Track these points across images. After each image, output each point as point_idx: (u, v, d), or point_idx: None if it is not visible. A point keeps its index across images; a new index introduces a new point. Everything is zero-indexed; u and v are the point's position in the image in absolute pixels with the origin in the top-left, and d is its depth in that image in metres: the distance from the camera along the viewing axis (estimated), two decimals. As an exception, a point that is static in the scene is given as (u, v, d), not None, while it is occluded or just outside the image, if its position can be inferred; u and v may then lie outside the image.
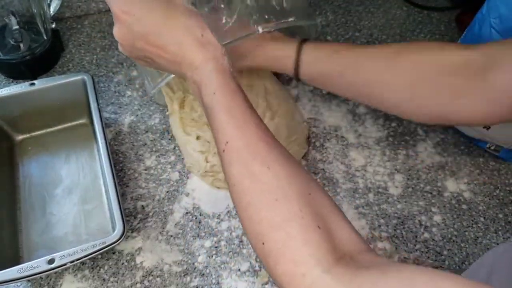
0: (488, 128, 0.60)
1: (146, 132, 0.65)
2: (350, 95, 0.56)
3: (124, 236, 0.49)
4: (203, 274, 0.53)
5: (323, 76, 0.54)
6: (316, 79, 0.55)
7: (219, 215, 0.58)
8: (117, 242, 0.48)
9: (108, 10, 0.78)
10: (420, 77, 0.49)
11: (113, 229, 0.50)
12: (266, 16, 0.52)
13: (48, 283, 0.52)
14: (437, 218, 0.59)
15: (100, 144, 0.55)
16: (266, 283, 0.53)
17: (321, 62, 0.53)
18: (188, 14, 0.42)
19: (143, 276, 0.53)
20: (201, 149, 0.59)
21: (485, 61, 0.44)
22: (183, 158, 0.62)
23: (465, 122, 0.55)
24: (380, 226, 0.58)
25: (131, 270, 0.53)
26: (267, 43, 0.54)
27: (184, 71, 0.42)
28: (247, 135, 0.37)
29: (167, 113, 0.64)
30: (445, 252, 0.56)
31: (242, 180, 0.36)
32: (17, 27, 0.67)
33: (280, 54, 0.54)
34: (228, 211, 0.58)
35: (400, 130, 0.67)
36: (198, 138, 0.60)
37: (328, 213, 0.35)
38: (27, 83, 0.59)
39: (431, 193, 0.61)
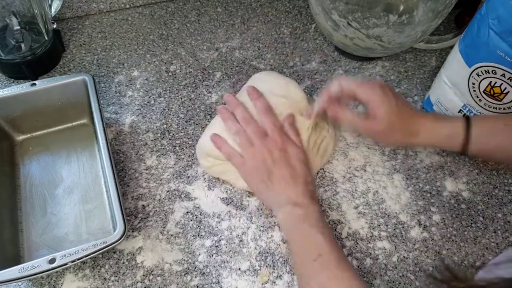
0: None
1: (147, 132, 0.65)
2: None
3: (124, 235, 0.49)
4: (204, 273, 0.54)
5: (493, 149, 0.55)
6: (485, 153, 0.57)
7: (219, 214, 0.58)
8: (118, 242, 0.48)
9: (109, 11, 0.79)
10: None
11: (114, 228, 0.50)
12: None
13: (49, 282, 0.52)
14: (436, 217, 0.59)
15: (101, 144, 0.55)
16: (266, 282, 0.53)
17: (492, 135, 0.55)
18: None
19: (143, 275, 0.53)
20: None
21: None
22: (183, 158, 0.63)
23: None
24: (379, 225, 0.58)
25: (132, 269, 0.54)
26: (432, 122, 0.56)
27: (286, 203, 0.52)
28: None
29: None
30: (444, 252, 0.56)
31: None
32: (18, 27, 0.67)
33: (447, 132, 0.56)
34: (228, 211, 0.58)
35: (399, 130, 0.67)
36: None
37: None
38: (28, 83, 0.59)
39: (430, 193, 0.61)
